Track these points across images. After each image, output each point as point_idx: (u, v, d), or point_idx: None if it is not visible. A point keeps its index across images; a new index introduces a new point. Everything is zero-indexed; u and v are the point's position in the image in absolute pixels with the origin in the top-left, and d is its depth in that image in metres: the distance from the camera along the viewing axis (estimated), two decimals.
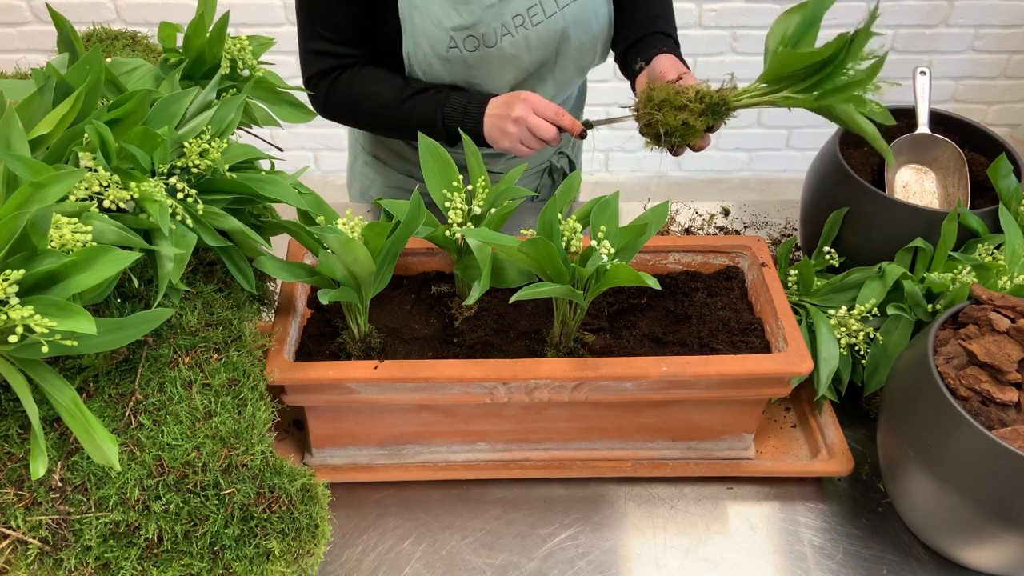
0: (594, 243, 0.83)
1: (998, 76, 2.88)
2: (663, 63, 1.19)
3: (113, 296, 0.77)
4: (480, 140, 1.21)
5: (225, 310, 0.84)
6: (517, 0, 1.21)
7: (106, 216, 0.70)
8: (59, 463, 0.69)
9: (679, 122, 1.04)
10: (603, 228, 0.85)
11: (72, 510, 0.68)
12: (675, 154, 1.09)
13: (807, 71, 0.94)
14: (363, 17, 1.23)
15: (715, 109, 1.04)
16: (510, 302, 0.81)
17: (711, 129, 1.07)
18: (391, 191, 1.49)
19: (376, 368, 0.87)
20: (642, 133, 1.08)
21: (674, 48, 1.27)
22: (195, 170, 0.78)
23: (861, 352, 1.00)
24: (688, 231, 1.35)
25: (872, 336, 1.00)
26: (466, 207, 0.92)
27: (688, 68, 1.23)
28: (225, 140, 0.82)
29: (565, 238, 0.85)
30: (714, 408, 0.94)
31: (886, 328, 1.00)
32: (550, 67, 1.30)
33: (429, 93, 1.22)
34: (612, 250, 0.83)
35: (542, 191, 1.53)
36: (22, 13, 2.59)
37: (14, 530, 0.67)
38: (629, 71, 1.30)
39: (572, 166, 1.55)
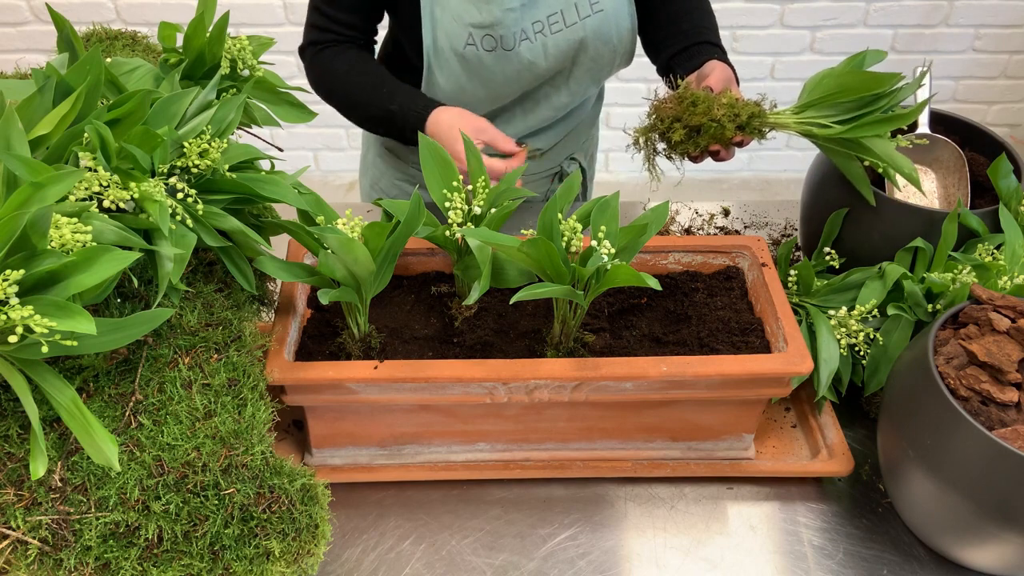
0: (594, 243, 0.83)
1: (998, 76, 2.88)
2: (715, 67, 1.16)
3: (113, 296, 0.77)
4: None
5: (225, 310, 0.84)
6: (539, 7, 1.20)
7: (106, 216, 0.70)
8: (59, 463, 0.69)
9: (710, 127, 1.04)
10: (603, 228, 0.85)
11: (72, 510, 0.68)
12: (694, 160, 1.10)
13: (848, 104, 0.99)
14: (370, 4, 1.25)
15: (747, 124, 1.05)
16: (510, 303, 0.81)
17: (740, 144, 1.07)
18: (401, 184, 1.49)
19: (376, 368, 0.87)
20: (661, 133, 1.08)
21: (723, 57, 1.25)
22: (195, 170, 0.78)
23: (861, 352, 1.00)
24: (688, 231, 1.35)
25: (872, 336, 1.00)
26: (466, 207, 0.92)
27: (738, 80, 1.21)
28: (225, 140, 0.82)
29: (565, 238, 0.85)
30: (714, 408, 0.94)
31: (886, 328, 1.00)
32: (565, 76, 1.30)
33: (401, 91, 1.23)
34: (612, 250, 0.83)
35: (551, 197, 1.52)
36: (22, 13, 2.59)
37: (14, 530, 0.67)
38: (673, 78, 1.29)
39: (584, 172, 1.54)
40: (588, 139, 1.53)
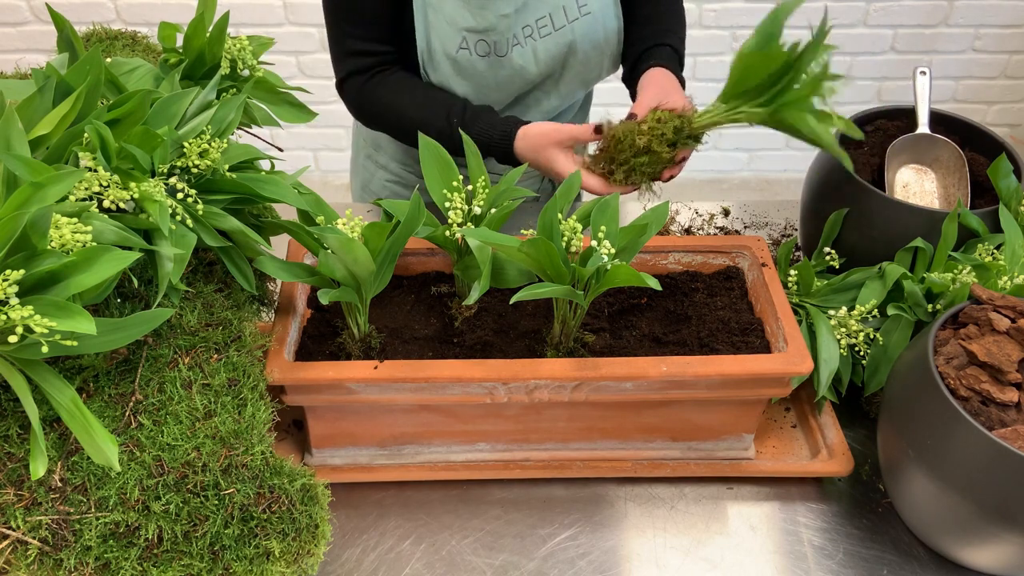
0: (594, 243, 0.83)
1: (998, 76, 2.88)
2: (648, 82, 1.16)
3: (113, 296, 0.77)
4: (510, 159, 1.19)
5: (225, 310, 0.84)
6: (528, 11, 1.20)
7: (106, 216, 0.70)
8: (59, 463, 0.69)
9: (640, 161, 1.02)
10: (603, 228, 0.85)
11: (72, 510, 0.68)
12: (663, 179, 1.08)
13: (763, 84, 0.92)
14: (391, 10, 1.20)
15: (676, 139, 1.02)
16: (510, 303, 0.81)
17: (682, 160, 1.06)
18: (391, 185, 1.49)
19: (376, 368, 0.87)
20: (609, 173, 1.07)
21: (669, 58, 1.24)
22: (195, 170, 0.78)
23: (861, 352, 1.00)
24: (688, 231, 1.35)
25: (872, 336, 1.00)
26: (466, 207, 0.92)
27: (681, 79, 1.20)
28: (225, 140, 0.82)
29: (565, 238, 0.85)
30: (714, 408, 0.94)
31: (886, 328, 1.00)
32: (555, 80, 1.30)
33: (465, 114, 1.19)
34: (612, 250, 0.83)
35: (543, 195, 1.53)
36: (22, 13, 2.59)
37: (14, 530, 0.67)
38: (632, 91, 1.28)
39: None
40: None
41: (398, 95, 1.22)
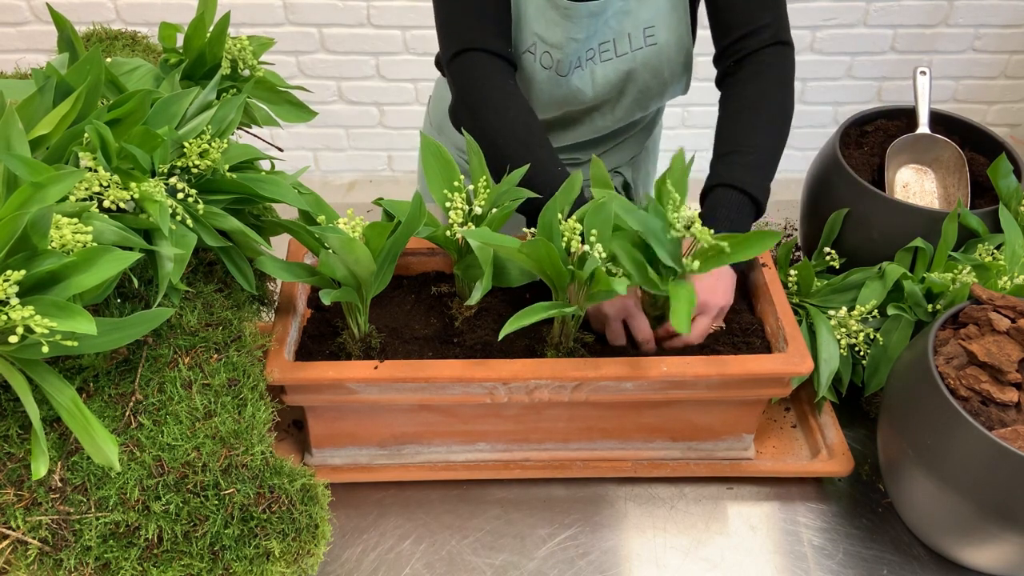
0: (588, 246, 0.82)
1: (998, 76, 2.88)
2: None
3: (113, 296, 0.77)
4: None
5: (225, 310, 0.84)
6: (595, 36, 1.16)
7: (106, 216, 0.70)
8: (59, 463, 0.69)
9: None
10: (595, 232, 0.85)
11: (72, 510, 0.68)
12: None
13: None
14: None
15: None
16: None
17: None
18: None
19: (376, 368, 0.87)
20: None
21: (737, 209, 1.03)
22: (195, 170, 0.78)
23: (861, 352, 1.00)
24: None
25: (872, 336, 1.00)
26: (467, 207, 0.92)
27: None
28: (225, 140, 0.82)
29: (565, 238, 0.85)
30: (714, 408, 0.94)
31: (886, 328, 1.00)
32: (611, 105, 1.25)
33: (554, 171, 1.03)
34: (604, 253, 0.82)
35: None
36: (22, 13, 2.59)
37: (14, 530, 0.67)
38: None
39: (628, 186, 1.43)
40: (642, 154, 1.45)
41: (514, 104, 1.07)
